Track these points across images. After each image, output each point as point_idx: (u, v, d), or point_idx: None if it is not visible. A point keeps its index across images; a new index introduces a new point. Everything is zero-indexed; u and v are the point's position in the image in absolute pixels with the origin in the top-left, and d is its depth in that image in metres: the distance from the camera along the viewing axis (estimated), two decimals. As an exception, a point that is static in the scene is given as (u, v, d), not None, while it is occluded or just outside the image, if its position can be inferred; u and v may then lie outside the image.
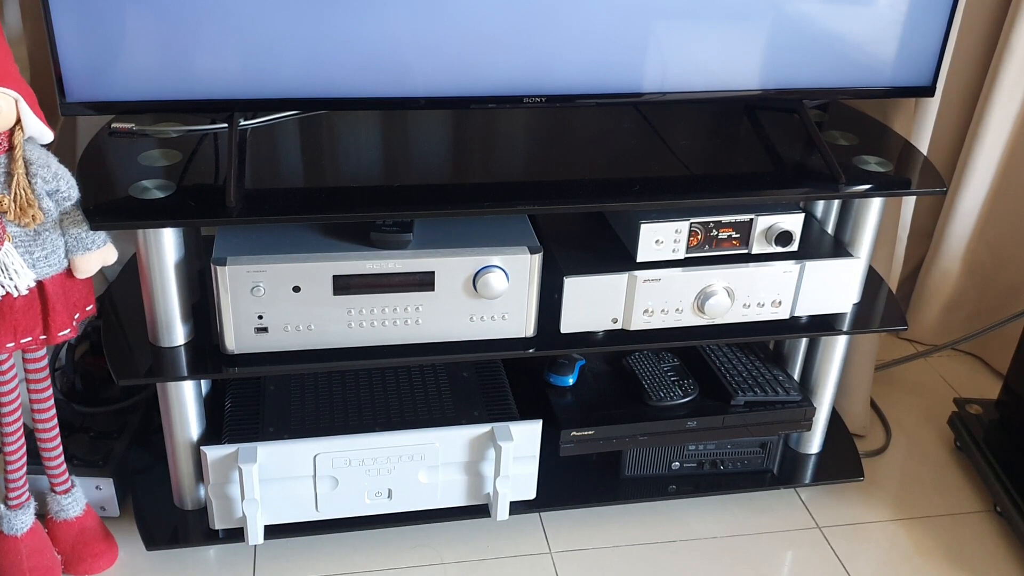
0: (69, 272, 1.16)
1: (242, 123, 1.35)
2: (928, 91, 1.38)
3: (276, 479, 1.32)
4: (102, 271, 1.21)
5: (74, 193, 1.13)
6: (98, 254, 1.16)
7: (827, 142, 1.43)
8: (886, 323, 1.44)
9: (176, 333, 1.26)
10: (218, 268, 1.18)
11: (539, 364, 1.52)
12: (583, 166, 1.33)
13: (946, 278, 1.91)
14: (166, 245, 1.19)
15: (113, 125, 1.34)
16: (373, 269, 1.22)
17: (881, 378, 1.87)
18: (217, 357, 1.25)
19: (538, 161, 1.35)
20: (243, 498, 1.29)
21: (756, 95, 1.32)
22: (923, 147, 1.59)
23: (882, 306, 1.47)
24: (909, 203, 1.74)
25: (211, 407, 1.39)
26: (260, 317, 1.22)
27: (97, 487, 1.42)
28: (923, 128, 1.58)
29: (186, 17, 1.12)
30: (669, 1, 1.23)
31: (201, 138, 1.33)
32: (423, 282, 1.24)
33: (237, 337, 1.23)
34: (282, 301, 1.22)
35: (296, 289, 1.21)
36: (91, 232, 1.14)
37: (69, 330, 1.18)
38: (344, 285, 1.22)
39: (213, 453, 1.28)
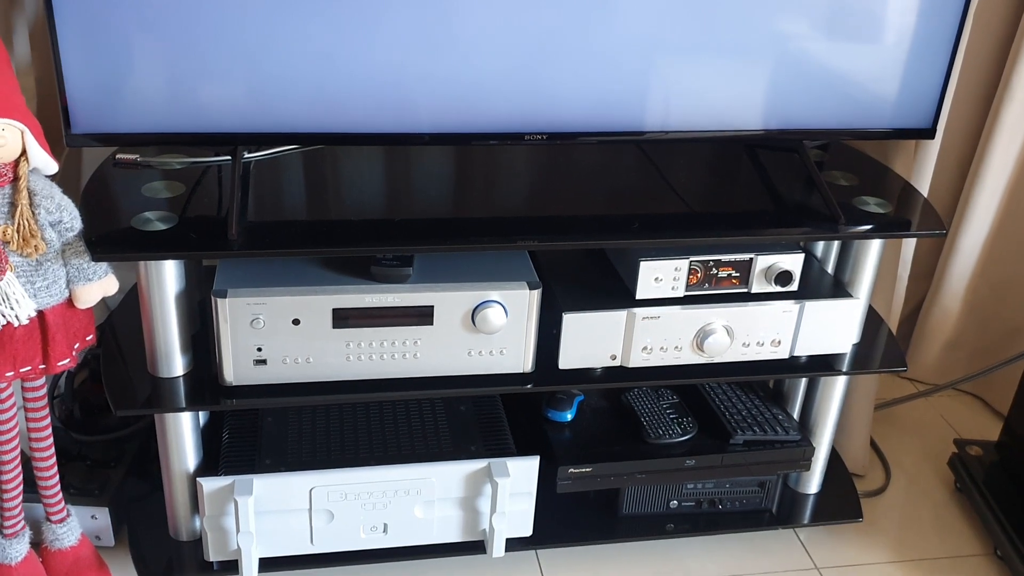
0: (70, 302, 1.17)
1: (245, 156, 1.35)
2: (929, 133, 1.39)
3: (272, 512, 1.31)
4: (103, 300, 1.21)
5: (77, 224, 1.13)
6: (99, 285, 1.17)
7: (827, 182, 1.44)
8: (885, 364, 1.43)
9: (175, 364, 1.26)
10: (218, 300, 1.18)
11: (537, 400, 1.51)
12: (583, 203, 1.33)
13: (947, 318, 1.90)
14: (167, 276, 1.19)
15: (117, 156, 1.34)
16: (373, 303, 1.22)
17: (881, 418, 1.86)
18: (215, 388, 1.24)
19: (538, 197, 1.35)
20: (238, 531, 1.28)
21: (757, 135, 1.33)
22: (923, 187, 1.59)
23: (882, 346, 1.46)
24: (910, 243, 1.74)
25: (208, 438, 1.38)
26: (259, 349, 1.22)
27: (93, 516, 1.41)
28: (924, 169, 1.58)
29: (192, 51, 1.13)
30: (671, 41, 1.23)
31: (205, 170, 1.34)
32: (422, 316, 1.24)
33: (236, 369, 1.23)
34: (281, 333, 1.22)
35: (296, 322, 1.21)
36: (92, 263, 1.15)
37: (69, 360, 1.18)
38: (343, 318, 1.22)
39: (209, 485, 1.28)
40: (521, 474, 1.35)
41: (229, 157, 1.35)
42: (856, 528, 1.60)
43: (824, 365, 1.40)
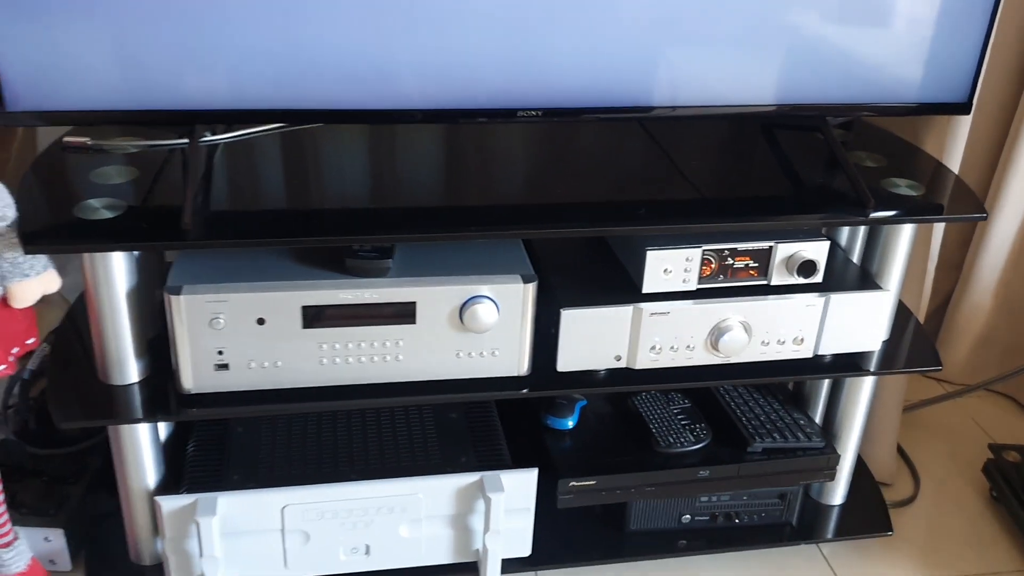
0: (5, 301, 1.05)
1: (209, 138, 1.24)
2: (963, 108, 1.28)
3: (240, 533, 1.20)
4: (61, 297, 1.10)
5: (10, 213, 1.01)
6: (37, 282, 1.05)
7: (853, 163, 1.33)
8: (918, 362, 1.33)
9: (128, 370, 1.14)
10: (172, 297, 1.07)
11: (536, 405, 1.42)
12: (583, 187, 1.24)
13: (977, 313, 1.81)
14: (116, 271, 1.08)
15: (65, 139, 1.23)
16: (347, 299, 1.11)
17: (907, 421, 1.77)
18: (173, 397, 1.13)
19: (534, 181, 1.26)
20: (202, 555, 1.17)
21: (776, 111, 1.22)
22: (954, 170, 1.48)
23: (913, 343, 1.36)
24: (939, 231, 1.64)
25: (173, 451, 1.27)
26: (220, 352, 1.10)
27: (46, 539, 1.30)
28: (954, 149, 1.47)
29: (143, 16, 1.01)
30: (678, 6, 1.13)
31: (169, 154, 1.23)
32: (403, 314, 1.13)
33: (195, 375, 1.11)
34: (245, 335, 1.10)
35: (260, 321, 1.09)
36: (28, 256, 1.03)
37: (5, 366, 1.07)
38: (315, 317, 1.11)
39: (168, 504, 1.16)
40: (517, 488, 1.26)
41: (203, 139, 1.23)
42: (884, 542, 1.51)
43: (851, 365, 1.31)
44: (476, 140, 1.35)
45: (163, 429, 1.25)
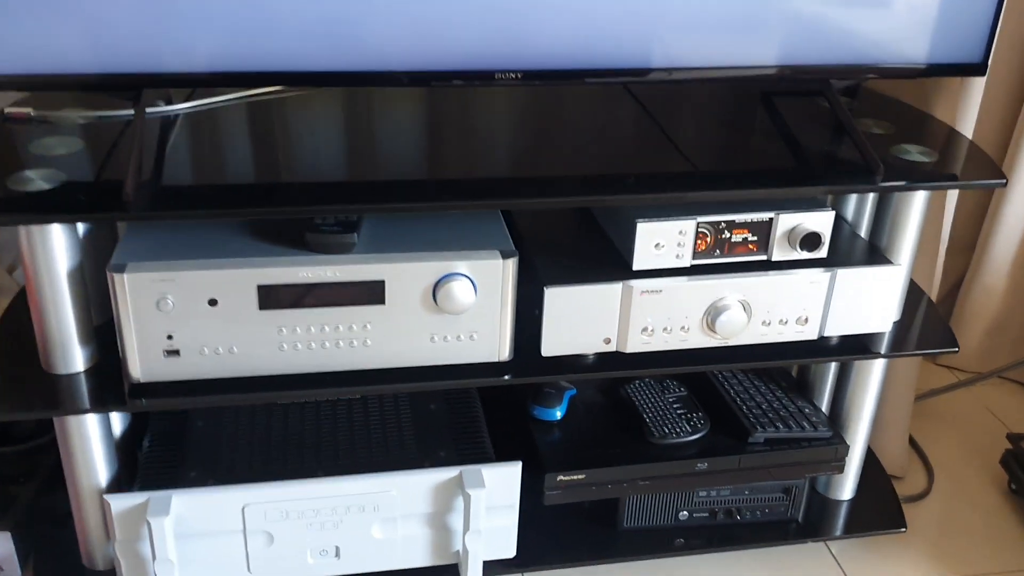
0: (-70, 282, 0.96)
1: (160, 108, 1.16)
2: (978, 68, 1.20)
3: (197, 535, 1.12)
4: (13, 277, 1.02)
5: (-67, 183, 0.93)
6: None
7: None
8: (932, 344, 1.25)
9: (73, 357, 1.05)
10: (115, 276, 0.98)
11: (522, 395, 1.35)
12: (568, 156, 1.16)
13: (990, 296, 1.74)
14: (56, 247, 0.99)
15: (6, 110, 1.15)
16: (308, 278, 1.03)
17: (919, 411, 1.70)
18: (121, 387, 1.05)
19: (515, 150, 1.18)
20: (155, 558, 1.09)
21: (777, 73, 1.15)
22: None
23: (926, 324, 1.29)
24: (951, 207, 1.56)
25: (131, 445, 1.20)
26: (170, 337, 1.02)
27: (-7, 543, 1.21)
28: (967, 116, 1.40)
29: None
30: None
31: (124, 127, 1.15)
32: (371, 293, 1.05)
33: (143, 362, 1.03)
34: (196, 317, 1.02)
35: (212, 302, 1.01)
36: (-47, 231, 0.94)
37: (-68, 354, 0.98)
38: (272, 298, 1.03)
39: (118, 503, 1.08)
40: (500, 484, 1.18)
41: (156, 109, 1.15)
42: (897, 539, 1.45)
43: (860, 347, 1.23)
44: (452, 107, 1.28)
45: (118, 423, 1.17)
